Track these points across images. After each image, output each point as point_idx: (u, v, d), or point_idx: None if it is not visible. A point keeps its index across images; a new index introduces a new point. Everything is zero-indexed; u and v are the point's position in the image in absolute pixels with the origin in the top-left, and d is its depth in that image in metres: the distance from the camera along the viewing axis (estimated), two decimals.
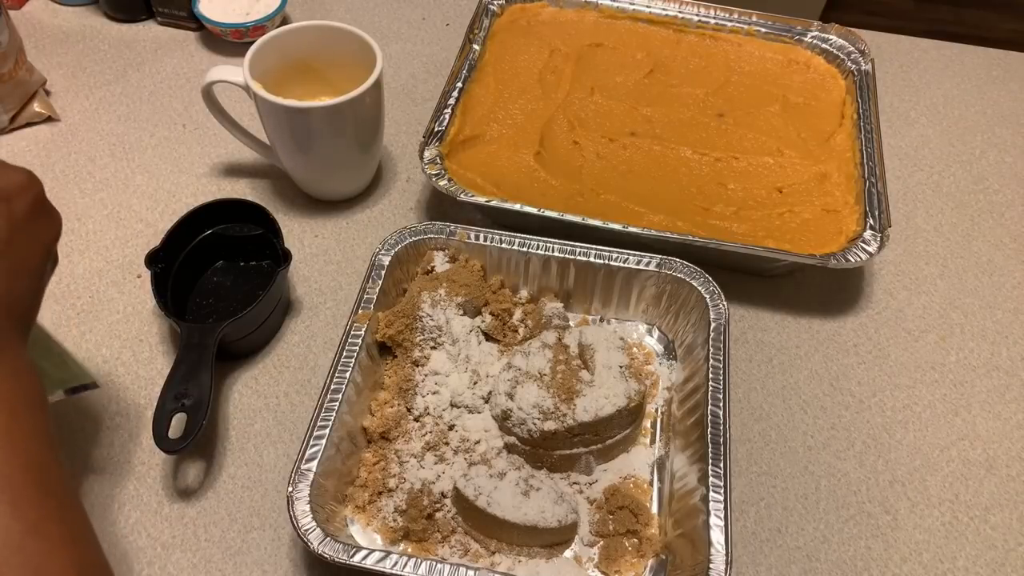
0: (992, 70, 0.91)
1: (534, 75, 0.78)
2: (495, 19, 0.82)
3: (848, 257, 0.62)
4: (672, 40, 0.83)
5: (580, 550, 0.53)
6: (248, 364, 0.62)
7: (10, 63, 0.72)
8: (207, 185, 0.73)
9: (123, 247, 0.68)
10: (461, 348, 0.59)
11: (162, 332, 0.63)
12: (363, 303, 0.57)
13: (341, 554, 0.46)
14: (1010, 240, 0.74)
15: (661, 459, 0.56)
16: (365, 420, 0.56)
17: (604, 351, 0.56)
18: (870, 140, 0.71)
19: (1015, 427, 0.62)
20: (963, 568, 0.55)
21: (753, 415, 0.61)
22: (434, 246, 0.62)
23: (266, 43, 0.65)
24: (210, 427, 0.58)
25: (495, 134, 0.73)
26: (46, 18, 0.87)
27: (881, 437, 0.61)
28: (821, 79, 0.80)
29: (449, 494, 0.53)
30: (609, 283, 0.62)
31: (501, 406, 0.55)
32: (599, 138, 0.74)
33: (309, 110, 0.62)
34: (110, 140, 0.76)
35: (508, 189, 0.68)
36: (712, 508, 0.49)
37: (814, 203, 0.69)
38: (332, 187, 0.72)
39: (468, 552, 0.52)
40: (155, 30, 0.87)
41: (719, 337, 0.57)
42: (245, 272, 0.65)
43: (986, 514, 0.57)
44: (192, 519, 0.54)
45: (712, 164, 0.72)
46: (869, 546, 0.55)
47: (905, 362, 0.65)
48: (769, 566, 0.54)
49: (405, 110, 0.81)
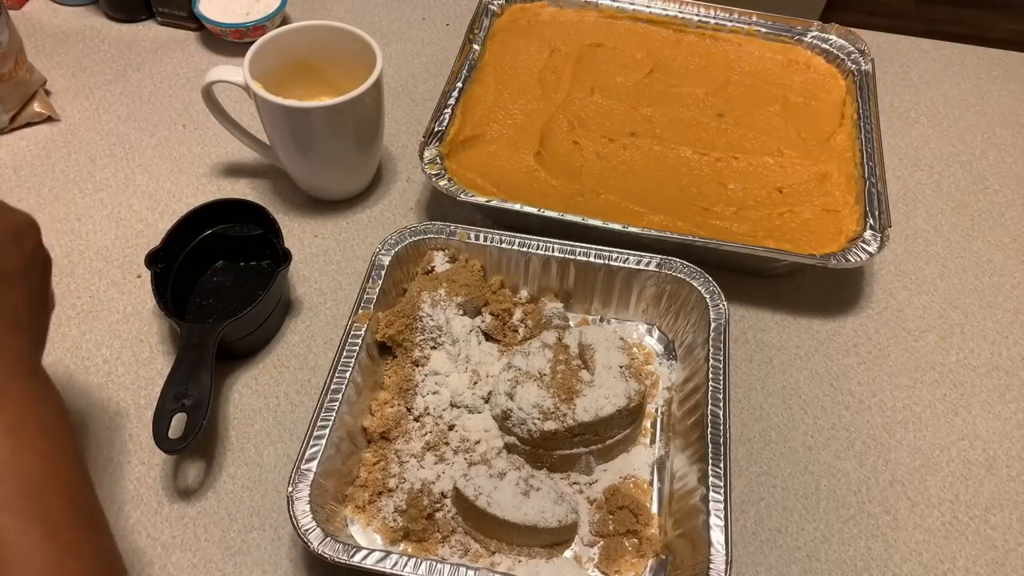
0: (992, 70, 0.91)
1: (534, 75, 0.78)
2: (495, 19, 0.82)
3: (848, 257, 0.62)
4: (672, 40, 0.83)
5: (580, 550, 0.53)
6: (248, 364, 0.62)
7: (10, 63, 0.72)
8: (207, 185, 0.73)
9: (123, 247, 0.68)
10: (461, 348, 0.59)
11: (162, 332, 0.63)
12: (363, 303, 0.57)
13: (341, 554, 0.46)
14: (1010, 240, 0.74)
15: (661, 459, 0.56)
16: (365, 420, 0.56)
17: (604, 351, 0.56)
18: (870, 140, 0.71)
19: (1015, 427, 0.62)
20: (963, 568, 0.55)
21: (753, 415, 0.61)
22: (434, 246, 0.62)
23: (266, 43, 0.65)
24: (210, 427, 0.58)
25: (495, 134, 0.73)
26: (46, 18, 0.87)
27: (881, 437, 0.61)
28: (821, 79, 0.80)
29: (449, 494, 0.53)
30: (609, 283, 0.62)
31: (501, 406, 0.55)
32: (599, 138, 0.74)
33: (309, 110, 0.62)
34: (110, 140, 0.76)
35: (508, 189, 0.68)
36: (712, 508, 0.49)
37: (814, 203, 0.69)
38: (332, 187, 0.72)
39: (468, 552, 0.52)
40: (155, 30, 0.87)
41: (719, 337, 0.57)
42: (245, 272, 0.65)
43: (986, 514, 0.57)
44: (192, 519, 0.54)
45: (712, 164, 0.72)
46: (869, 546, 0.55)
47: (905, 362, 0.65)
48: (769, 566, 0.54)
49: (405, 110, 0.81)
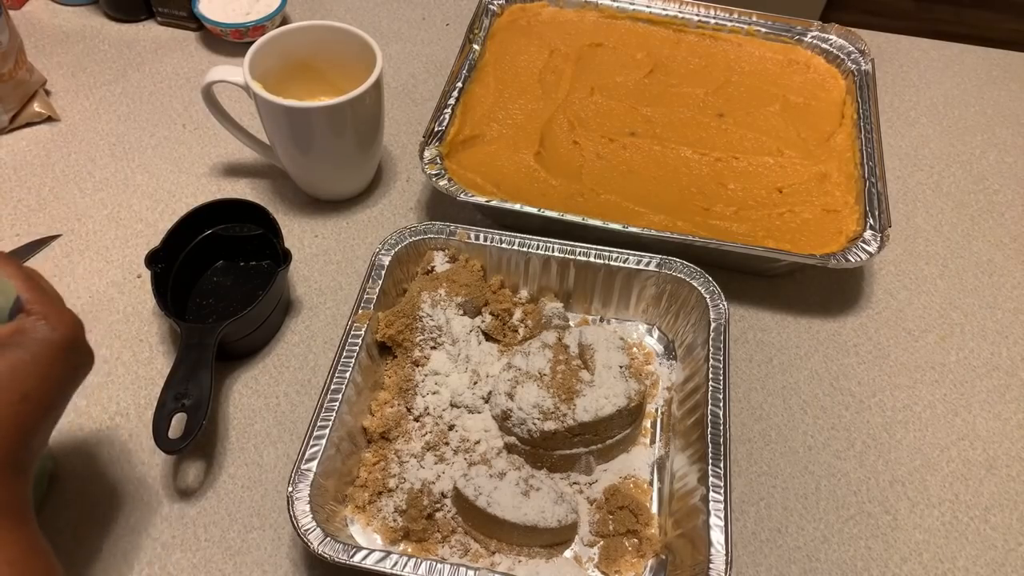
0: (992, 70, 0.91)
1: (534, 75, 0.78)
2: (495, 19, 0.82)
3: (848, 257, 0.62)
4: (672, 40, 0.83)
5: (580, 550, 0.53)
6: (248, 364, 0.62)
7: (10, 63, 0.72)
8: (207, 185, 0.73)
9: (123, 247, 0.68)
10: (461, 348, 0.59)
11: (162, 332, 0.63)
12: (363, 303, 0.57)
13: (341, 554, 0.46)
14: (1010, 240, 0.74)
15: (661, 459, 0.56)
16: (365, 420, 0.56)
17: (604, 351, 0.56)
18: (870, 140, 0.71)
19: (1015, 427, 0.62)
20: (963, 568, 0.55)
21: (753, 415, 0.61)
22: (434, 246, 0.62)
23: (266, 43, 0.65)
24: (210, 427, 0.58)
25: (495, 134, 0.73)
26: (46, 18, 0.87)
27: (881, 437, 0.61)
28: (821, 79, 0.80)
29: (449, 494, 0.53)
30: (609, 283, 0.62)
31: (501, 406, 0.55)
32: (599, 138, 0.74)
33: (309, 110, 0.62)
34: (110, 140, 0.76)
35: (508, 189, 0.68)
36: (712, 508, 0.49)
37: (814, 203, 0.69)
38: (332, 187, 0.72)
39: (468, 552, 0.52)
40: (155, 30, 0.87)
41: (719, 337, 0.57)
42: (245, 272, 0.65)
43: (986, 514, 0.57)
44: (192, 519, 0.54)
45: (712, 164, 0.72)
46: (869, 546, 0.55)
47: (905, 362, 0.65)
48: (769, 566, 0.54)
49: (405, 110, 0.81)
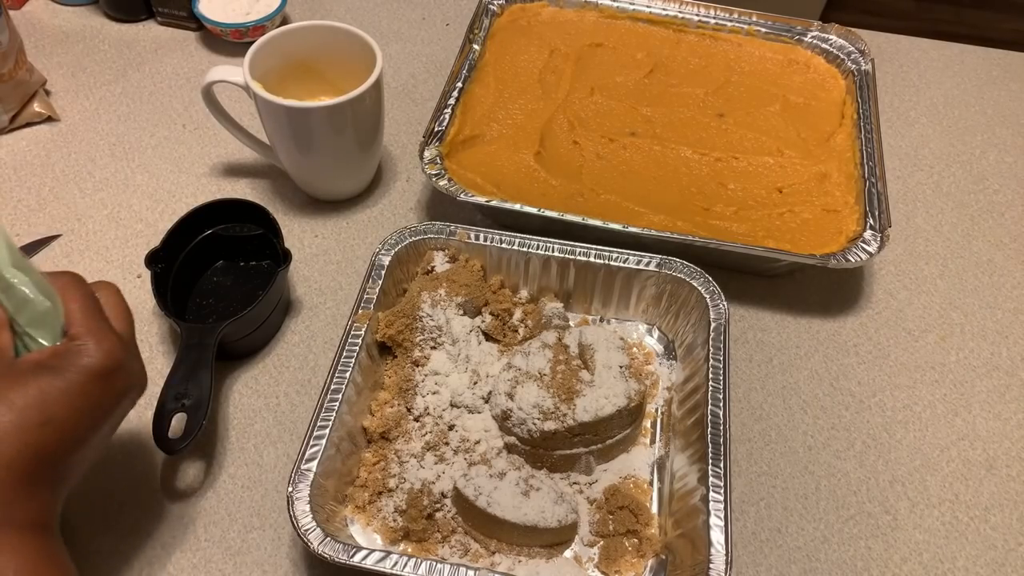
0: (992, 70, 0.91)
1: (534, 75, 0.78)
2: (495, 19, 0.82)
3: (848, 257, 0.62)
4: (672, 40, 0.83)
5: (580, 550, 0.53)
6: (248, 364, 0.62)
7: (10, 63, 0.72)
8: (207, 185, 0.73)
9: (123, 247, 0.68)
10: (461, 348, 0.59)
11: (162, 332, 0.63)
12: (363, 303, 0.57)
13: (341, 554, 0.46)
14: (1010, 240, 0.74)
15: (661, 459, 0.56)
16: (365, 420, 0.56)
17: (604, 351, 0.56)
18: (870, 140, 0.71)
19: (1015, 427, 0.62)
20: (963, 568, 0.55)
21: (753, 415, 0.61)
22: (434, 246, 0.62)
23: (266, 43, 0.65)
24: (210, 427, 0.58)
25: (495, 134, 0.73)
26: (46, 18, 0.87)
27: (881, 437, 0.61)
28: (821, 79, 0.80)
29: (449, 494, 0.53)
30: (609, 283, 0.62)
31: (501, 406, 0.55)
32: (599, 138, 0.74)
33: (309, 110, 0.62)
34: (110, 140, 0.76)
35: (508, 189, 0.68)
36: (712, 508, 0.49)
37: (814, 203, 0.69)
38: (332, 187, 0.72)
39: (468, 552, 0.52)
40: (155, 30, 0.87)
41: (719, 337, 0.57)
42: (245, 272, 0.65)
43: (986, 514, 0.57)
44: (192, 519, 0.54)
45: (712, 164, 0.72)
46: (869, 546, 0.55)
47: (905, 362, 0.65)
48: (769, 566, 0.54)
49: (405, 110, 0.81)
